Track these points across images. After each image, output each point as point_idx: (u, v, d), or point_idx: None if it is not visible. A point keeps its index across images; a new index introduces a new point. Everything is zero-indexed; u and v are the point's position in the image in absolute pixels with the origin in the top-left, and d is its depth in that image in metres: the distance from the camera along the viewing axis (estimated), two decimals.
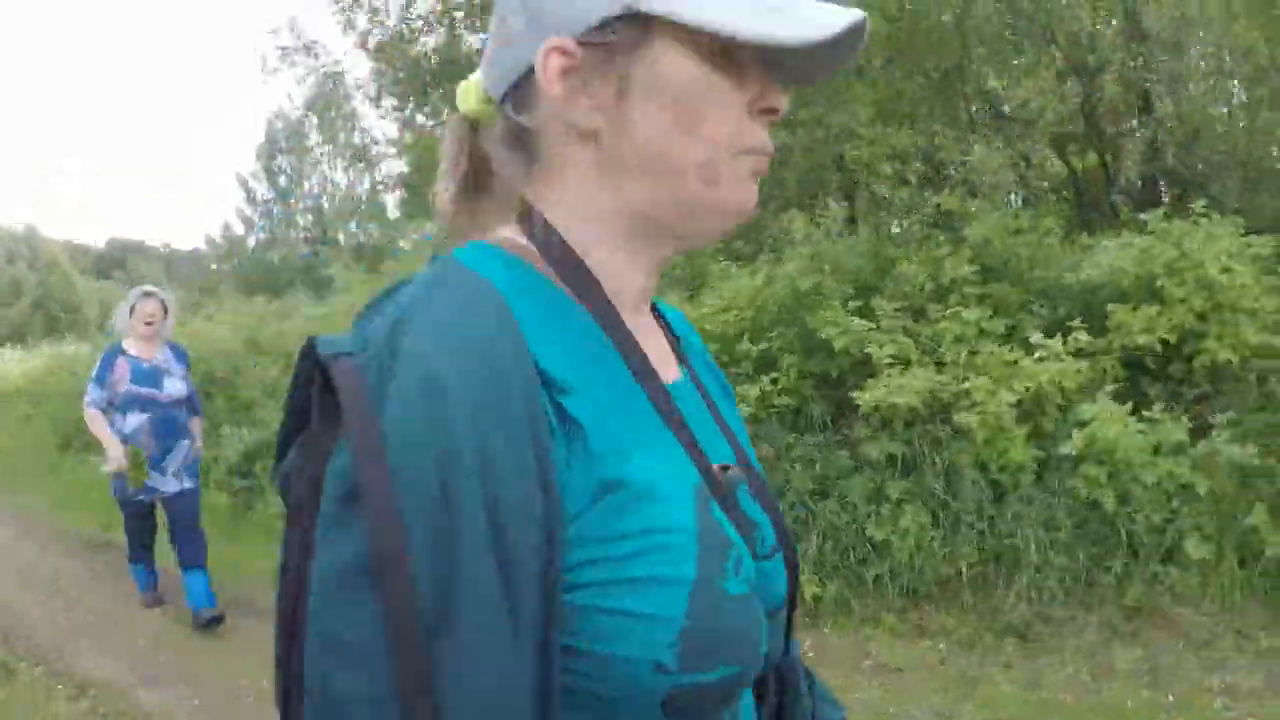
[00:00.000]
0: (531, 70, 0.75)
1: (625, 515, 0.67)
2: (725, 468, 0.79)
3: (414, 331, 0.64)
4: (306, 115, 26.44)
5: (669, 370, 0.84)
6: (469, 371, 0.62)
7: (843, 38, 0.73)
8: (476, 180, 0.82)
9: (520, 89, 0.77)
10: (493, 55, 0.79)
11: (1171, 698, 4.11)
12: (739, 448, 0.85)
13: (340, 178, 27.03)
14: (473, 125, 0.83)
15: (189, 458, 5.04)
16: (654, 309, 0.89)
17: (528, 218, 0.78)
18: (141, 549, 5.25)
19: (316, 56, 9.33)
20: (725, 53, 0.74)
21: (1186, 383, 4.94)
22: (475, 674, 0.60)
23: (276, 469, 0.74)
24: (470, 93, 0.82)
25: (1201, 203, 5.38)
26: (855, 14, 0.73)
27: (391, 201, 9.96)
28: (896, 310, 5.05)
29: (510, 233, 0.78)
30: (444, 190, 0.82)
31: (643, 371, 0.75)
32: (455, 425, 0.60)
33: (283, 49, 9.31)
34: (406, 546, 0.59)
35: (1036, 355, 4.75)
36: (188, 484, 5.00)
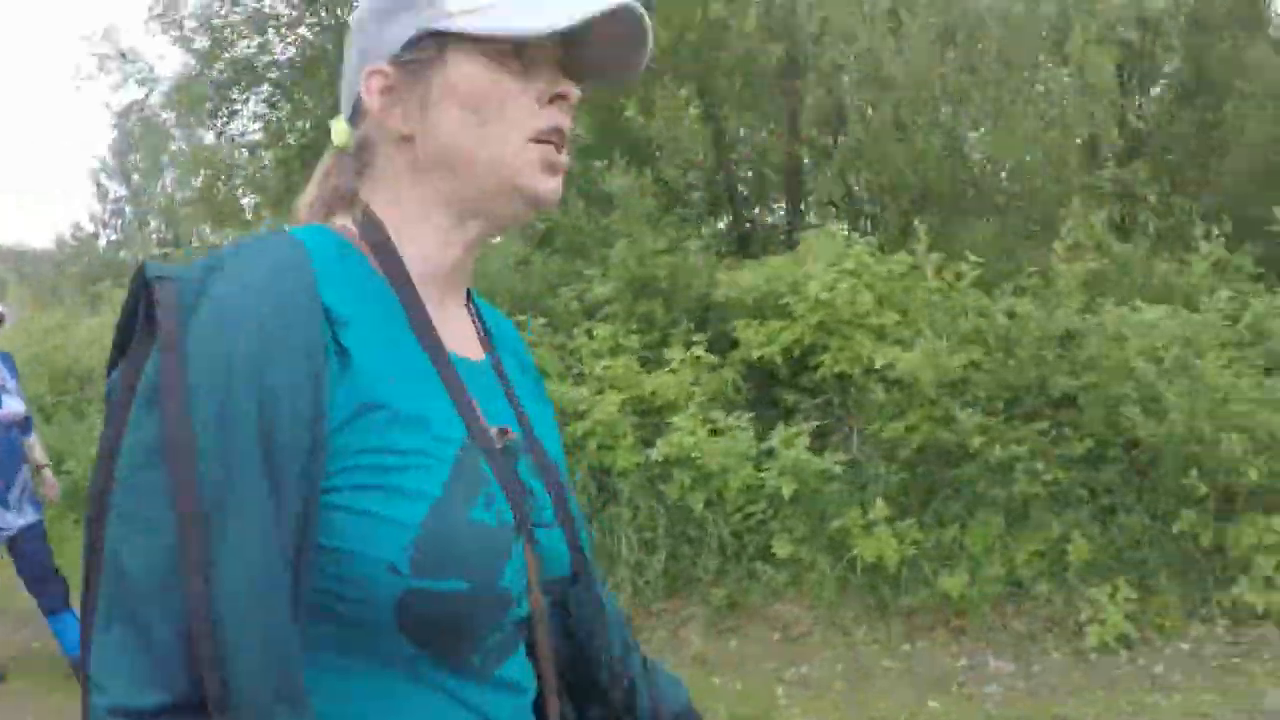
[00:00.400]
0: (357, 92, 0.90)
1: (386, 434, 0.78)
2: (504, 431, 0.89)
3: (225, 267, 0.77)
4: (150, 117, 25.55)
5: (470, 349, 0.94)
6: (258, 305, 0.75)
7: (611, 26, 0.87)
8: (332, 192, 0.94)
9: (356, 109, 0.92)
10: (341, 86, 0.95)
11: (740, 686, 4.45)
12: (529, 432, 0.94)
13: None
14: (339, 152, 0.95)
15: (29, 486, 4.45)
16: (475, 305, 1.01)
17: (363, 211, 0.90)
18: None
19: (132, 63, 9.05)
20: (514, 54, 0.87)
21: (813, 392, 5.31)
22: (242, 553, 0.70)
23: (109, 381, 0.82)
24: (339, 128, 0.94)
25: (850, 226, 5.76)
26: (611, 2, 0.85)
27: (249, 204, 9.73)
28: (543, 327, 5.30)
29: (344, 221, 0.91)
30: (306, 199, 0.95)
31: (426, 337, 0.86)
32: (238, 346, 0.73)
33: (99, 56, 9.03)
34: (192, 439, 0.71)
35: (668, 368, 5.06)
36: (32, 516, 4.40)
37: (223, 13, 8.64)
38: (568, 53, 0.90)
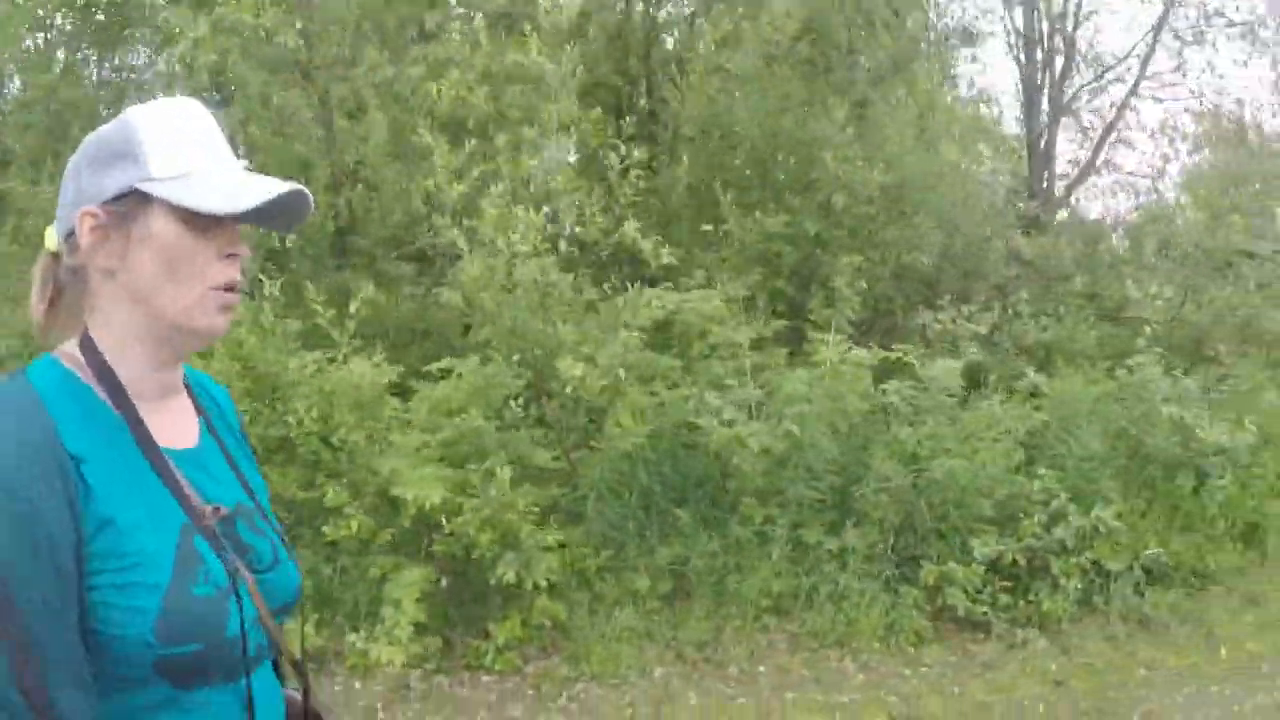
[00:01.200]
0: (73, 226, 1.08)
1: (120, 542, 1.01)
2: (217, 509, 1.11)
3: None
4: None
5: (187, 438, 1.17)
6: (15, 466, 0.96)
7: (279, 201, 1.09)
8: (57, 298, 1.15)
9: (70, 239, 1.09)
10: (59, 213, 1.12)
11: None
12: (250, 492, 1.20)
13: None
14: (55, 258, 1.14)
15: None
16: (194, 386, 1.24)
17: (83, 337, 1.10)
18: None
19: None
20: (199, 217, 1.07)
21: None
22: (65, 655, 0.96)
23: None
24: (50, 236, 1.14)
25: None
26: (285, 187, 1.09)
27: None
28: None
29: (71, 347, 1.10)
30: (36, 305, 1.15)
31: (146, 445, 1.08)
32: (8, 492, 0.95)
33: None
34: (4, 580, 0.93)
35: None
36: None
37: None
38: (244, 214, 1.10)
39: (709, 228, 6.05)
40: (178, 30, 5.41)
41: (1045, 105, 9.82)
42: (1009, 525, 4.91)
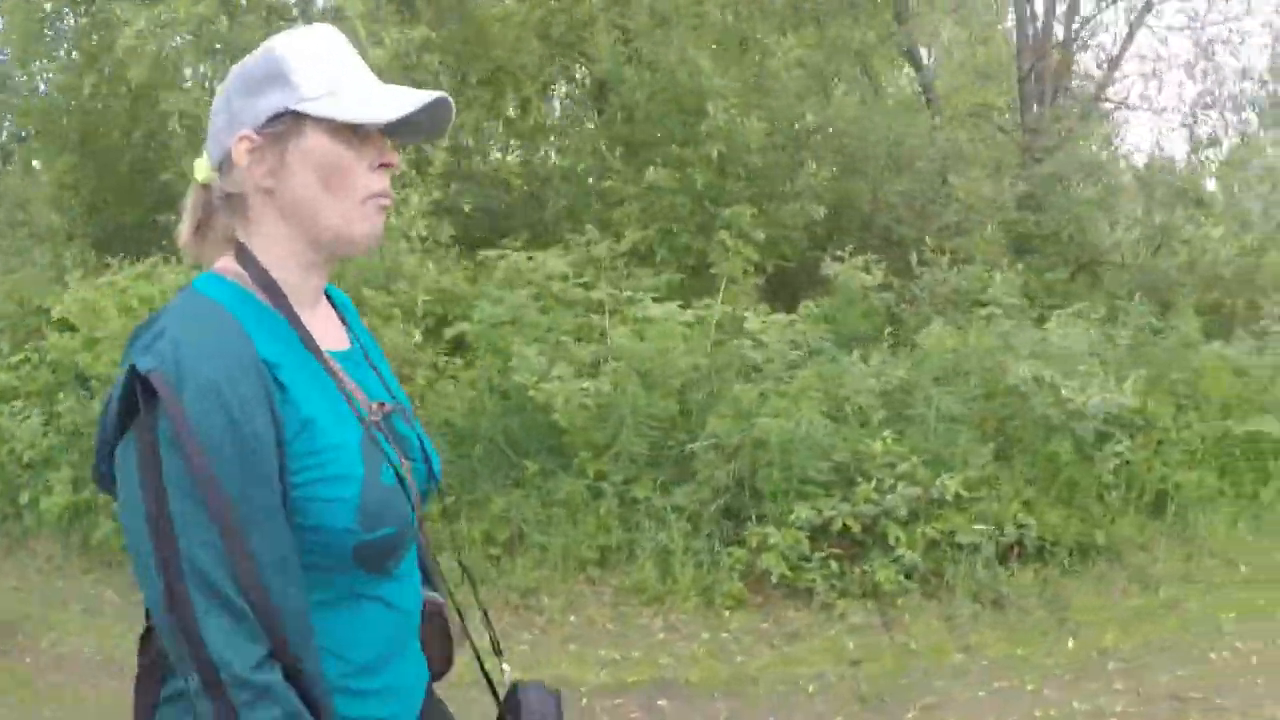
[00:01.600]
0: (227, 151, 1.16)
1: (318, 439, 1.11)
2: (382, 405, 1.24)
3: (188, 350, 1.05)
4: None
5: (341, 342, 1.28)
6: (222, 369, 1.04)
7: (424, 110, 1.16)
8: (205, 223, 1.24)
9: (225, 164, 1.18)
10: (209, 144, 1.21)
11: None
12: (390, 390, 1.31)
13: None
14: (204, 187, 1.23)
15: None
16: (331, 297, 1.33)
17: (240, 252, 1.18)
18: None
19: None
20: (352, 131, 1.15)
21: None
22: (268, 542, 1.05)
23: (97, 468, 1.14)
24: (201, 168, 1.22)
25: None
26: (428, 96, 1.16)
27: None
28: None
29: (227, 263, 1.20)
30: (186, 232, 1.25)
31: (313, 348, 1.18)
32: (222, 399, 1.03)
33: None
34: (219, 474, 1.02)
35: None
36: None
37: None
38: (390, 125, 1.17)
39: (609, 182, 5.91)
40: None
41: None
42: (847, 490, 4.57)
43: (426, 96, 1.16)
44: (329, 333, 1.25)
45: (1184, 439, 4.48)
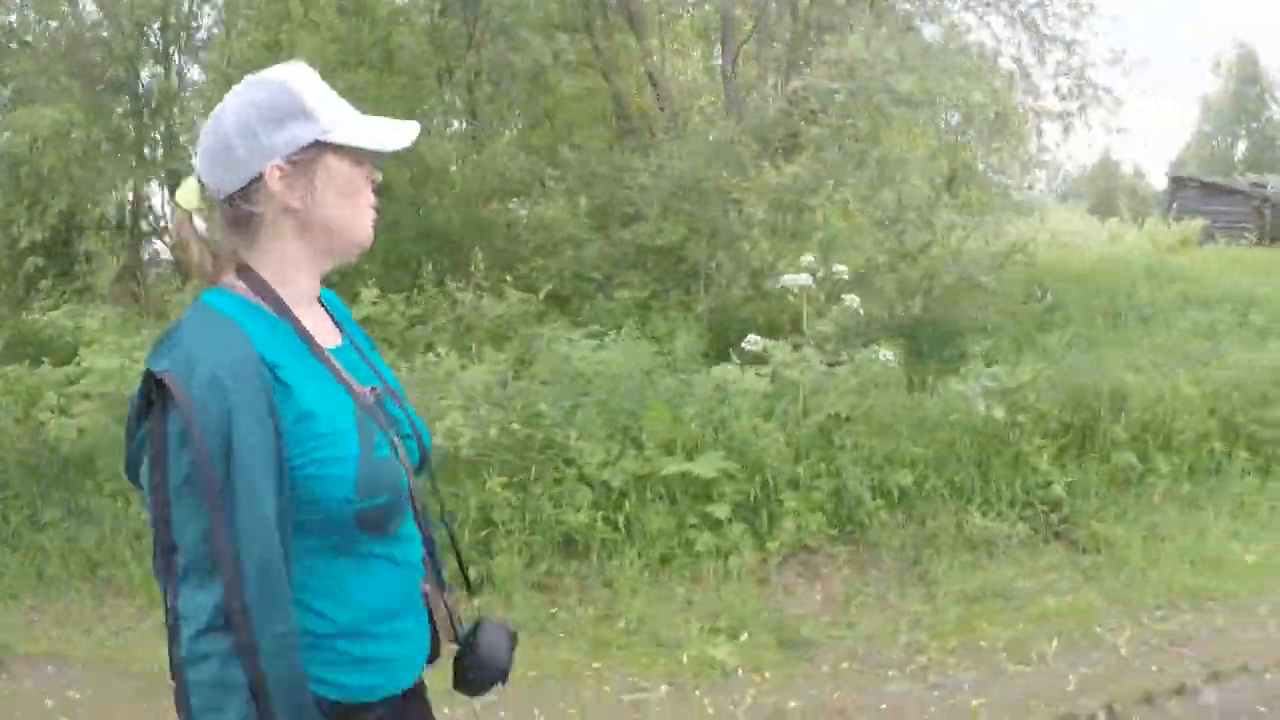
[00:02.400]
0: (254, 179, 1.32)
1: (318, 426, 1.28)
2: (374, 389, 1.42)
3: (199, 354, 1.22)
4: None
5: (334, 338, 1.46)
6: (226, 366, 1.21)
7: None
8: (218, 253, 1.38)
9: (251, 189, 1.33)
10: (218, 173, 1.34)
11: None
12: (383, 379, 1.48)
13: None
14: (189, 215, 1.38)
15: None
16: (320, 298, 1.49)
17: (244, 270, 1.36)
18: None
19: None
20: (359, 152, 1.37)
21: None
22: (248, 528, 1.19)
23: (129, 462, 1.32)
24: (189, 196, 1.37)
25: None
26: (414, 126, 1.41)
27: None
28: None
29: (232, 279, 1.36)
30: (196, 255, 1.38)
31: (312, 346, 1.36)
32: (227, 397, 1.20)
33: None
34: (213, 463, 1.18)
35: None
36: None
37: None
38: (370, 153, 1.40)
39: None
40: None
41: None
42: None
43: (414, 125, 1.41)
44: (322, 330, 1.43)
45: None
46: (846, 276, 5.10)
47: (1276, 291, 9.90)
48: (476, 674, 1.56)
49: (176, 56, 10.43)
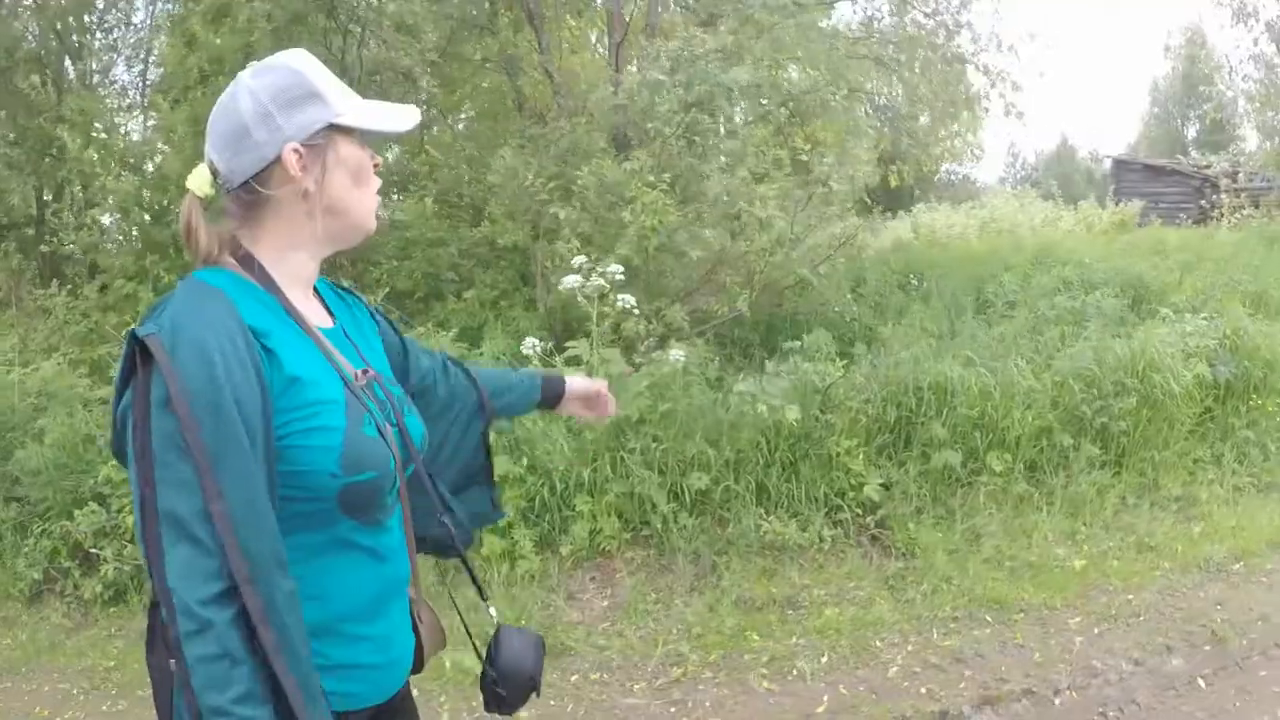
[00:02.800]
0: (271, 162, 1.33)
1: (304, 394, 1.27)
2: (365, 370, 1.42)
3: (184, 320, 1.21)
4: None
5: (325, 320, 1.45)
6: (213, 335, 1.19)
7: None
8: (220, 236, 1.37)
9: (268, 172, 1.34)
10: (235, 157, 1.33)
11: None
12: (368, 363, 1.46)
13: None
14: (198, 200, 1.36)
15: None
16: (317, 290, 1.49)
17: (238, 250, 1.36)
18: None
19: None
20: (365, 135, 1.40)
21: None
22: (239, 486, 1.16)
23: (115, 430, 1.27)
24: (201, 181, 1.35)
25: None
26: (416, 111, 1.44)
27: None
28: None
29: (227, 259, 1.36)
30: (199, 237, 1.35)
31: (303, 324, 1.36)
32: (211, 358, 1.17)
33: None
34: (198, 423, 1.15)
35: None
36: None
37: None
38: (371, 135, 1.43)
39: None
40: None
41: None
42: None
43: (413, 110, 1.43)
44: (315, 313, 1.43)
45: None
46: (621, 276, 4.93)
47: (1168, 274, 9.77)
48: (504, 687, 1.52)
49: None
